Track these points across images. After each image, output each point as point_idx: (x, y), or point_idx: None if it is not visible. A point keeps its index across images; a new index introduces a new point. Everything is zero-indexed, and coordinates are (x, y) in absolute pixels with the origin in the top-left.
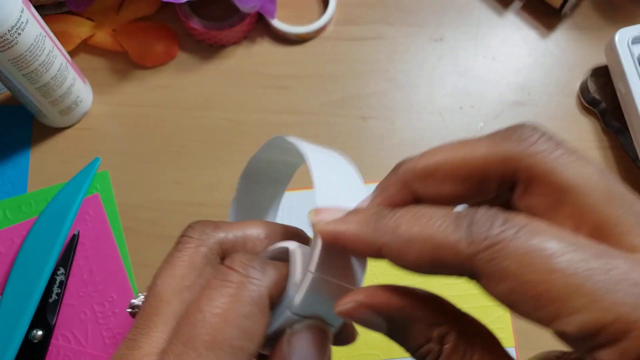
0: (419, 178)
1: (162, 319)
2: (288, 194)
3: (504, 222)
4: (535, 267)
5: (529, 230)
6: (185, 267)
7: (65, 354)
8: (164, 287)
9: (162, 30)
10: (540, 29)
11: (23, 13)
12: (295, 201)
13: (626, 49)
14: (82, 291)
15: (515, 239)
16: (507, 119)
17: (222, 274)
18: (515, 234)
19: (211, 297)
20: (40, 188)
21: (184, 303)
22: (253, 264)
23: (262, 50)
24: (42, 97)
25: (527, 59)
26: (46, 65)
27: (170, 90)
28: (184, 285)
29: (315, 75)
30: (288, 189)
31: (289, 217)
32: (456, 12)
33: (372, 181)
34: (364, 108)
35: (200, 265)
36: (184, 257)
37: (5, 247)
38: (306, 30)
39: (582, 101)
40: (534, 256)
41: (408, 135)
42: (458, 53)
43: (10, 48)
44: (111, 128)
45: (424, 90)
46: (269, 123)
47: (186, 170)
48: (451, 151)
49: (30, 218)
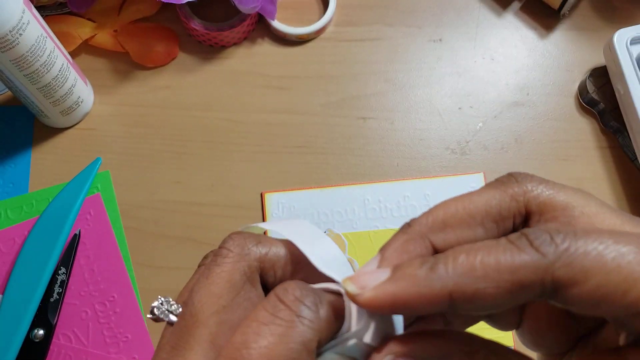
0: (437, 230)
1: (198, 341)
2: (287, 194)
3: (558, 232)
4: (612, 259)
5: (582, 231)
6: (224, 285)
7: (66, 353)
8: (201, 306)
9: (162, 31)
10: (539, 30)
11: (24, 14)
12: (295, 201)
13: (625, 49)
14: (83, 290)
15: (578, 239)
16: (506, 119)
17: (272, 306)
18: (575, 237)
19: (259, 332)
20: (41, 188)
21: (220, 324)
22: (306, 301)
23: (262, 51)
24: (44, 97)
25: (526, 60)
26: (47, 66)
27: (171, 90)
28: (221, 305)
29: (315, 76)
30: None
31: (289, 215)
32: (455, 12)
33: (372, 181)
34: (363, 108)
35: (240, 283)
36: (222, 273)
37: (6, 247)
38: (306, 31)
39: (580, 101)
40: (605, 251)
41: (407, 136)
42: (457, 54)
43: (12, 49)
44: (112, 128)
45: (423, 91)
46: (269, 123)
47: (187, 170)
48: (462, 201)
49: (32, 218)
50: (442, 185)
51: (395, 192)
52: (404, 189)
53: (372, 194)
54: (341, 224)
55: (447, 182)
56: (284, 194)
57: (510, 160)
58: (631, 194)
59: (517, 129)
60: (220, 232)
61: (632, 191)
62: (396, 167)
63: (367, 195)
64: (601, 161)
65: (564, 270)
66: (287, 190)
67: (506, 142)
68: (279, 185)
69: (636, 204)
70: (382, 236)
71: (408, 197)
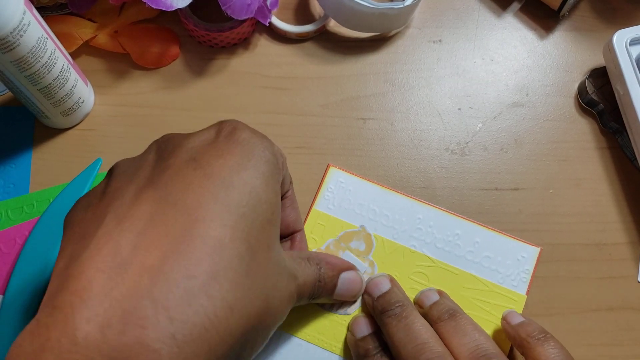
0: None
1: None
2: (349, 177)
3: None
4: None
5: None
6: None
7: None
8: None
9: (163, 32)
10: (538, 31)
11: (25, 15)
12: (352, 185)
13: (624, 50)
14: None
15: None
16: (506, 120)
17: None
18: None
19: None
20: (42, 188)
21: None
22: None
23: (262, 51)
24: (44, 98)
25: (526, 61)
26: (48, 67)
27: (172, 91)
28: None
29: (314, 77)
30: (351, 172)
31: (341, 195)
32: (455, 14)
33: (431, 204)
34: (363, 109)
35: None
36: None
37: (7, 247)
38: (306, 30)
39: (580, 102)
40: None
41: (407, 136)
42: (457, 54)
43: (12, 50)
44: (113, 129)
45: (422, 92)
46: (268, 124)
47: None
48: None
49: (33, 218)
50: (495, 241)
51: (449, 224)
52: (458, 225)
53: (425, 214)
54: (384, 227)
55: (501, 240)
56: (347, 174)
57: (510, 161)
58: (631, 194)
59: (516, 130)
60: None
61: (632, 191)
62: (396, 168)
63: (420, 214)
64: (601, 162)
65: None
66: (352, 173)
67: (506, 142)
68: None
69: (636, 204)
70: (415, 257)
71: (458, 236)
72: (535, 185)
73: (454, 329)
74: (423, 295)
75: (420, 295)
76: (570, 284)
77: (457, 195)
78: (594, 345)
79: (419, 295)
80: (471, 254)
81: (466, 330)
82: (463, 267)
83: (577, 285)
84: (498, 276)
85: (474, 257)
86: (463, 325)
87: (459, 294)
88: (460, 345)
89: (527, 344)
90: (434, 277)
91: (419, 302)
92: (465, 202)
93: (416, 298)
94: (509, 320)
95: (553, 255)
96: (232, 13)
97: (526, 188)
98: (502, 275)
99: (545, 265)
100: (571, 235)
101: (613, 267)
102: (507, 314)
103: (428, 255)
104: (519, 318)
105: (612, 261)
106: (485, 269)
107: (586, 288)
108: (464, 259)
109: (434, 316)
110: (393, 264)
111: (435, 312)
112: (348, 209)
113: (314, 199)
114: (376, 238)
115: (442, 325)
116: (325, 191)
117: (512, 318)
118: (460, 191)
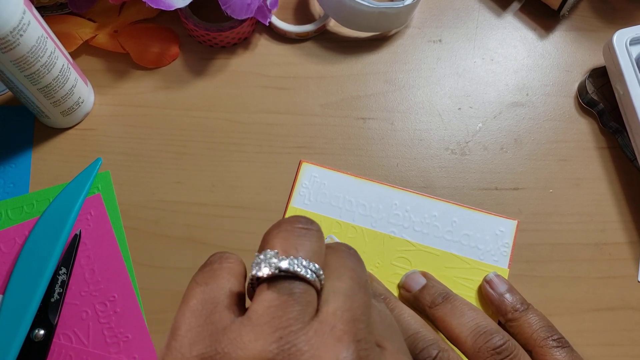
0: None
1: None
2: (323, 171)
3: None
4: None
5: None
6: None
7: (67, 353)
8: None
9: (163, 32)
10: (538, 30)
11: (25, 14)
12: (327, 179)
13: (624, 50)
14: (84, 290)
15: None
16: (506, 120)
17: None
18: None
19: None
20: (42, 188)
21: None
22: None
23: (262, 51)
24: (44, 98)
25: (526, 60)
26: (48, 67)
27: (172, 91)
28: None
29: (314, 77)
30: (324, 166)
31: (317, 189)
32: (455, 13)
33: (406, 189)
34: (363, 109)
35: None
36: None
37: (7, 247)
38: (306, 29)
39: (580, 102)
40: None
41: (407, 136)
42: (457, 54)
43: (12, 49)
44: (113, 128)
45: (422, 92)
46: (269, 123)
47: (187, 170)
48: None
49: (32, 218)
50: (472, 218)
51: (425, 207)
52: (434, 207)
53: (401, 200)
54: (362, 217)
55: (478, 217)
56: (320, 169)
57: (510, 161)
58: (631, 194)
59: (516, 130)
60: (221, 232)
61: (632, 191)
62: (396, 168)
63: (396, 200)
64: (600, 161)
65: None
66: (325, 167)
67: (506, 142)
68: (279, 185)
69: (636, 204)
70: (395, 243)
71: (435, 217)
72: (535, 185)
73: (451, 311)
74: (409, 279)
75: (405, 279)
76: (570, 284)
77: (457, 195)
78: (594, 345)
79: (404, 279)
80: (450, 233)
81: (463, 310)
82: (443, 247)
83: (577, 285)
84: (478, 252)
85: (453, 237)
86: (459, 306)
87: (442, 274)
88: (461, 326)
89: (512, 315)
90: (416, 260)
91: (405, 286)
92: (465, 202)
93: (401, 282)
94: (494, 288)
95: (553, 255)
96: (232, 13)
97: (526, 188)
98: (482, 251)
99: (545, 265)
100: (571, 235)
101: (613, 266)
102: (490, 280)
103: (408, 240)
104: (502, 286)
105: (611, 261)
106: (465, 247)
107: (586, 288)
108: (443, 239)
109: (427, 301)
110: (374, 252)
111: (427, 296)
112: (324, 203)
113: (289, 196)
114: (355, 228)
115: (438, 309)
116: (300, 187)
117: (495, 286)
118: (461, 191)
